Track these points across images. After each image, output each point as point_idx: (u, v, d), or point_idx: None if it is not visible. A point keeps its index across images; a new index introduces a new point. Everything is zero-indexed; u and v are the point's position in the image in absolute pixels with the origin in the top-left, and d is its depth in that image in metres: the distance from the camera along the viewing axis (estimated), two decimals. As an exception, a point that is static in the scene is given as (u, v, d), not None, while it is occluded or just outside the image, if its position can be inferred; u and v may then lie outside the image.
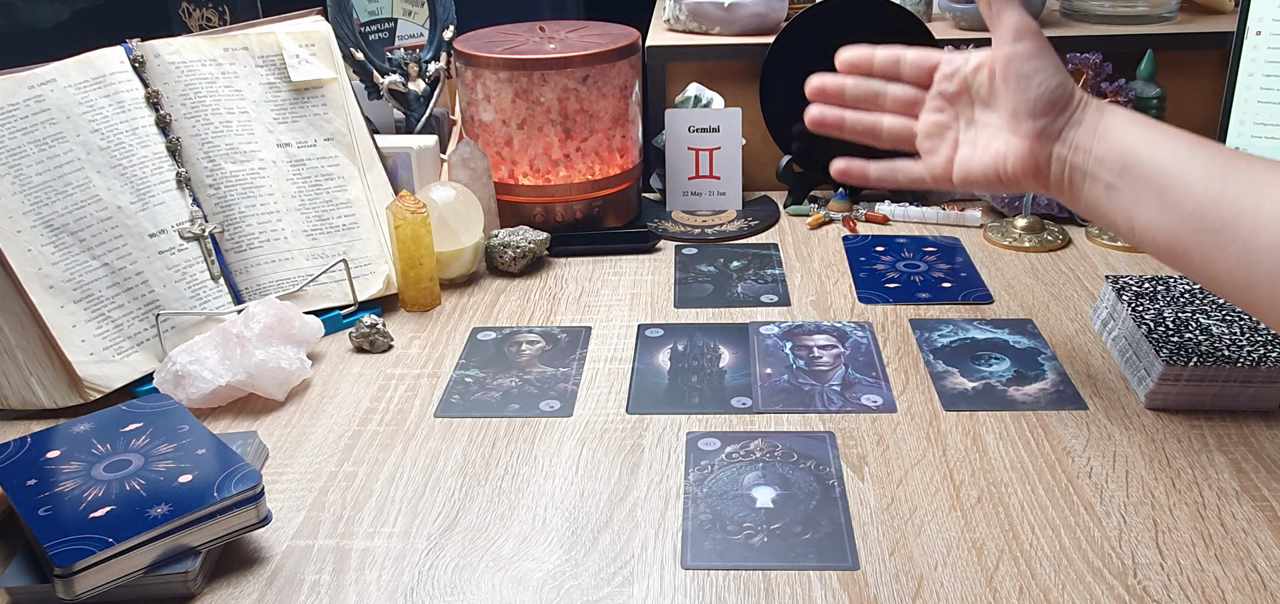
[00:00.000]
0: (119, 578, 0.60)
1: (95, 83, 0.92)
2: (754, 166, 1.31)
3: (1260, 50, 1.14)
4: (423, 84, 1.24)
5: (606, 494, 0.71)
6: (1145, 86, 1.22)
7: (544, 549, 0.66)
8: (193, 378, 0.82)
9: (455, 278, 1.06)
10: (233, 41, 1.01)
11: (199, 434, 0.70)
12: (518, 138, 1.12)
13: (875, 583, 0.62)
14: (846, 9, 1.22)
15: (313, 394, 0.86)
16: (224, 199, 0.96)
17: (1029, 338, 0.92)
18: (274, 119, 1.00)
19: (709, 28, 1.34)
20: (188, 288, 0.92)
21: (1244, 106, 1.15)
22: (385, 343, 0.94)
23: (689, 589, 0.62)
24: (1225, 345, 0.79)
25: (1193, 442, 0.76)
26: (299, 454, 0.78)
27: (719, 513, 0.69)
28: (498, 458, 0.76)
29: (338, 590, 0.63)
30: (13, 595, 0.62)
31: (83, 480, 0.65)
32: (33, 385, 0.84)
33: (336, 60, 1.05)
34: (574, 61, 1.09)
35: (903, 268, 1.07)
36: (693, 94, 1.25)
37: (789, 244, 1.15)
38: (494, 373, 0.88)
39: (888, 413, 0.81)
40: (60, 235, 0.86)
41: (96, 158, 0.89)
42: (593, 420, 0.81)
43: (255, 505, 0.65)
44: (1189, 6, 1.38)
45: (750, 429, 0.79)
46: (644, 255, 1.13)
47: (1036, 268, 1.07)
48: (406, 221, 0.98)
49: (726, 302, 1.01)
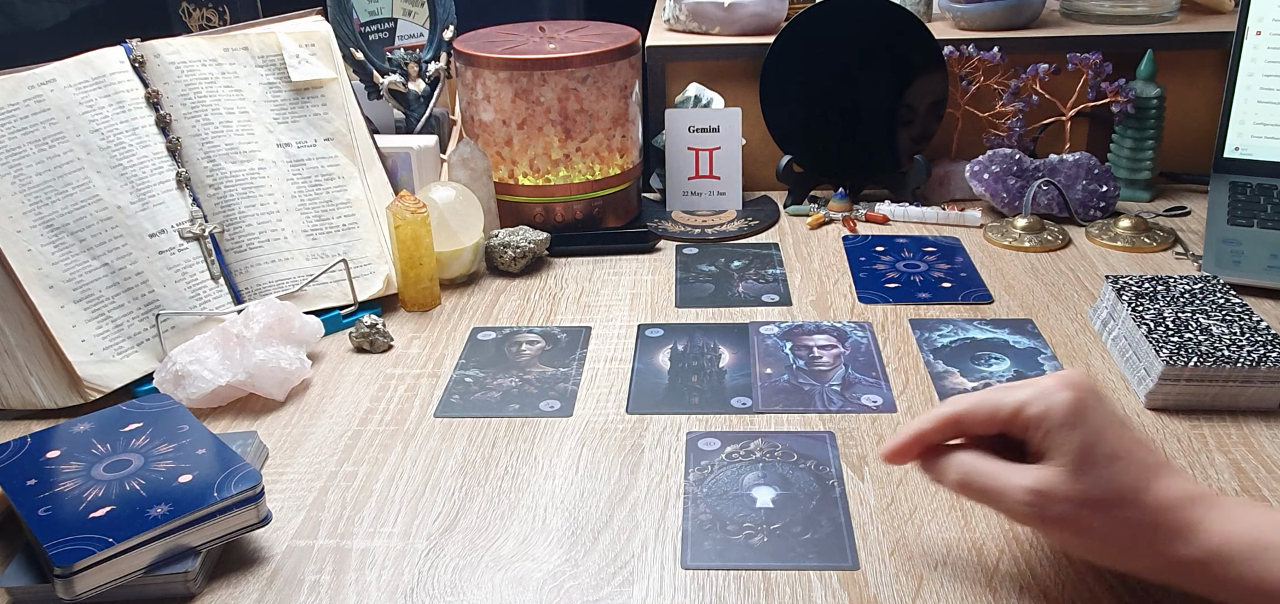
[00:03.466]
0: (119, 578, 0.60)
1: (95, 83, 0.92)
2: (754, 166, 1.31)
3: (1260, 50, 1.14)
4: (423, 84, 1.24)
5: (606, 494, 0.71)
6: (1145, 86, 1.22)
7: (544, 549, 0.66)
8: (193, 378, 0.82)
9: (455, 278, 1.06)
10: (233, 41, 1.01)
11: (199, 434, 0.70)
12: (518, 138, 1.12)
13: (875, 583, 0.62)
14: (846, 9, 1.22)
15: (313, 394, 0.86)
16: (224, 199, 0.96)
17: (1029, 338, 0.92)
18: (274, 119, 1.00)
19: (709, 28, 1.34)
20: (188, 288, 0.92)
21: (1244, 106, 1.15)
22: (385, 343, 0.94)
23: (689, 589, 0.62)
24: (1225, 345, 0.79)
25: (1193, 442, 0.76)
26: (299, 454, 0.78)
27: (719, 513, 0.69)
28: (498, 458, 0.76)
29: (338, 590, 0.63)
30: (13, 595, 0.62)
31: (83, 480, 0.65)
32: (33, 385, 0.84)
33: (336, 60, 1.05)
34: (574, 61, 1.09)
35: (903, 268, 1.07)
36: (693, 94, 1.25)
37: (789, 244, 1.15)
38: (494, 373, 0.88)
39: (888, 413, 0.81)
40: (60, 235, 0.86)
41: (96, 158, 0.89)
42: (593, 420, 0.81)
43: (255, 505, 0.65)
44: (1189, 6, 1.38)
45: (750, 429, 0.79)
46: (644, 255, 1.13)
47: (1036, 268, 1.07)
48: (406, 221, 0.98)
49: (727, 301, 1.01)
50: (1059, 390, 0.58)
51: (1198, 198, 1.24)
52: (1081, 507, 0.56)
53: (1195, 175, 1.29)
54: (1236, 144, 1.16)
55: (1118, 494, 0.56)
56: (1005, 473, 0.59)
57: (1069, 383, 0.58)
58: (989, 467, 0.59)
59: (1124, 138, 1.24)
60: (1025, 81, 1.23)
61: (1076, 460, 0.57)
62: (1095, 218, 1.18)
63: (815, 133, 1.25)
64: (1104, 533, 0.57)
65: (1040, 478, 0.57)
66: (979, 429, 0.61)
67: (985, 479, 0.59)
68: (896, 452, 0.63)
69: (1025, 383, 0.60)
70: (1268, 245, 1.02)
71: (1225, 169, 1.15)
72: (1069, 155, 1.20)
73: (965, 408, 0.61)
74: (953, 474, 0.61)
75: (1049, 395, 0.58)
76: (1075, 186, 1.18)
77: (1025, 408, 0.58)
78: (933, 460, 0.62)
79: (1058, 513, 0.57)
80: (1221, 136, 1.16)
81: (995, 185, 1.19)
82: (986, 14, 1.30)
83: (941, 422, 0.61)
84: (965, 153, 1.28)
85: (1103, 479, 0.56)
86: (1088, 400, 0.58)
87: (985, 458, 0.60)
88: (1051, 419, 0.57)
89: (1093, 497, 0.56)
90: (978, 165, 1.20)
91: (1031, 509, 0.57)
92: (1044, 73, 1.21)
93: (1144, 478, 0.56)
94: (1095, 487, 0.56)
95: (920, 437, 0.62)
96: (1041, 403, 0.58)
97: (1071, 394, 0.58)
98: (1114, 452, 0.57)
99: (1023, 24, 1.31)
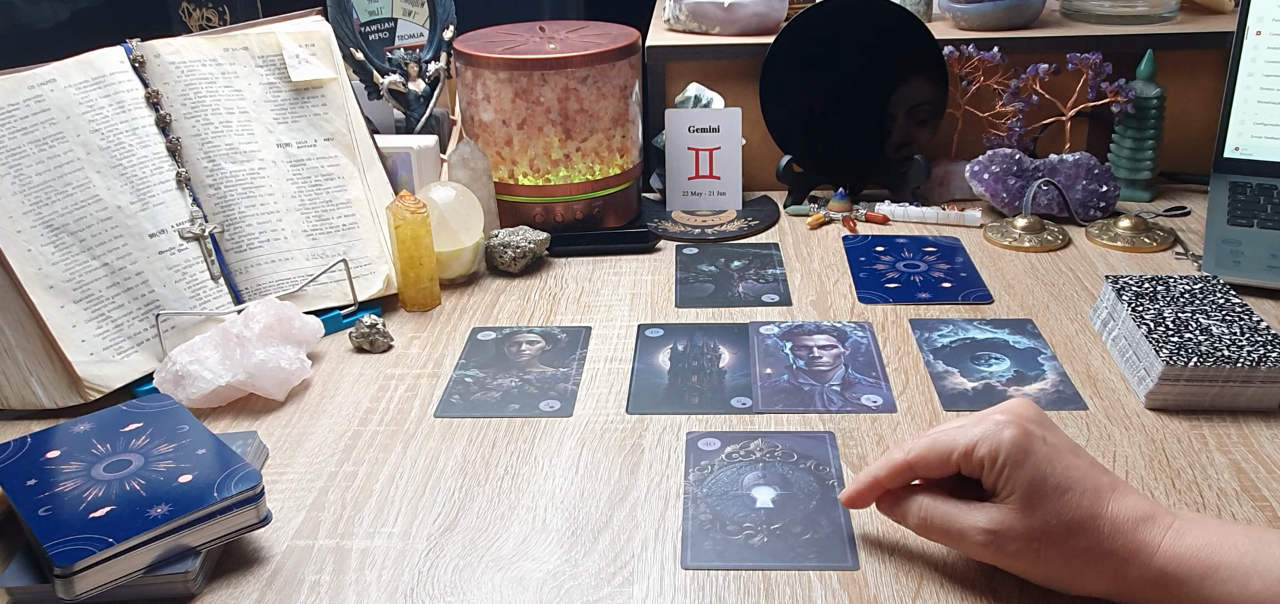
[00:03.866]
0: (119, 578, 0.60)
1: (95, 83, 0.92)
2: (754, 166, 1.31)
3: (1260, 50, 1.14)
4: (423, 84, 1.24)
5: (606, 494, 0.71)
6: (1145, 86, 1.22)
7: (544, 549, 0.66)
8: (193, 378, 0.82)
9: (455, 278, 1.06)
10: (233, 41, 1.01)
11: (199, 434, 0.70)
12: (518, 138, 1.12)
13: (875, 583, 0.62)
14: (846, 9, 1.22)
15: (313, 394, 0.86)
16: (224, 199, 0.96)
17: (1029, 338, 0.92)
18: (274, 119, 1.00)
19: (709, 28, 1.34)
20: (188, 288, 0.92)
21: (1244, 106, 1.15)
22: (385, 343, 0.94)
23: (689, 589, 0.62)
24: (1225, 345, 0.79)
25: (1193, 442, 0.76)
26: (299, 454, 0.78)
27: (719, 513, 0.69)
28: (498, 458, 0.76)
29: (338, 590, 0.63)
30: (13, 595, 0.62)
31: (83, 480, 0.65)
32: (33, 385, 0.84)
33: (336, 60, 1.05)
34: (574, 61, 1.09)
35: (903, 268, 1.07)
36: (693, 94, 1.25)
37: (789, 244, 1.15)
38: (494, 373, 0.88)
39: (888, 413, 0.81)
40: (60, 235, 0.86)
41: (96, 158, 0.89)
42: (593, 420, 0.81)
43: (255, 505, 0.65)
44: (1189, 6, 1.38)
45: (750, 429, 0.79)
46: (644, 255, 1.13)
47: (1036, 268, 1.07)
48: (406, 221, 0.98)
49: (727, 301, 1.01)
50: (1005, 428, 0.59)
51: (1198, 198, 1.24)
52: (1035, 541, 0.58)
53: (1195, 175, 1.29)
54: (1236, 144, 1.16)
55: (1069, 525, 0.57)
56: (961, 514, 0.61)
57: (1014, 418, 0.60)
58: (946, 508, 0.61)
59: (1124, 138, 1.24)
60: (1025, 81, 1.23)
61: (1026, 497, 0.58)
62: (1095, 218, 1.18)
63: (815, 133, 1.25)
64: (1060, 563, 0.58)
65: (993, 518, 0.59)
66: (931, 473, 0.62)
67: (943, 520, 0.61)
68: (854, 497, 0.65)
69: (973, 420, 0.61)
70: (1268, 245, 1.02)
71: (1225, 169, 1.15)
72: (1069, 155, 1.20)
73: (917, 455, 0.62)
74: (912, 518, 0.63)
75: (995, 435, 0.59)
76: (1075, 186, 1.18)
77: (974, 450, 0.60)
78: (892, 503, 0.64)
79: (1013, 549, 0.59)
80: (1221, 136, 1.16)
81: (995, 185, 1.19)
82: (986, 14, 1.30)
83: (895, 469, 0.63)
84: (965, 153, 1.28)
85: (1053, 512, 0.58)
86: (1033, 434, 0.59)
87: (941, 499, 0.62)
88: (1000, 458, 0.59)
89: (1045, 530, 0.58)
90: (978, 165, 1.20)
91: (988, 548, 0.59)
92: (1044, 73, 1.21)
93: (1096, 504, 0.58)
94: (1047, 520, 0.58)
95: (876, 483, 0.64)
96: (988, 443, 0.59)
97: (1016, 431, 0.59)
98: (1062, 483, 0.58)
99: (1023, 24, 1.31)
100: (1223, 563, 0.55)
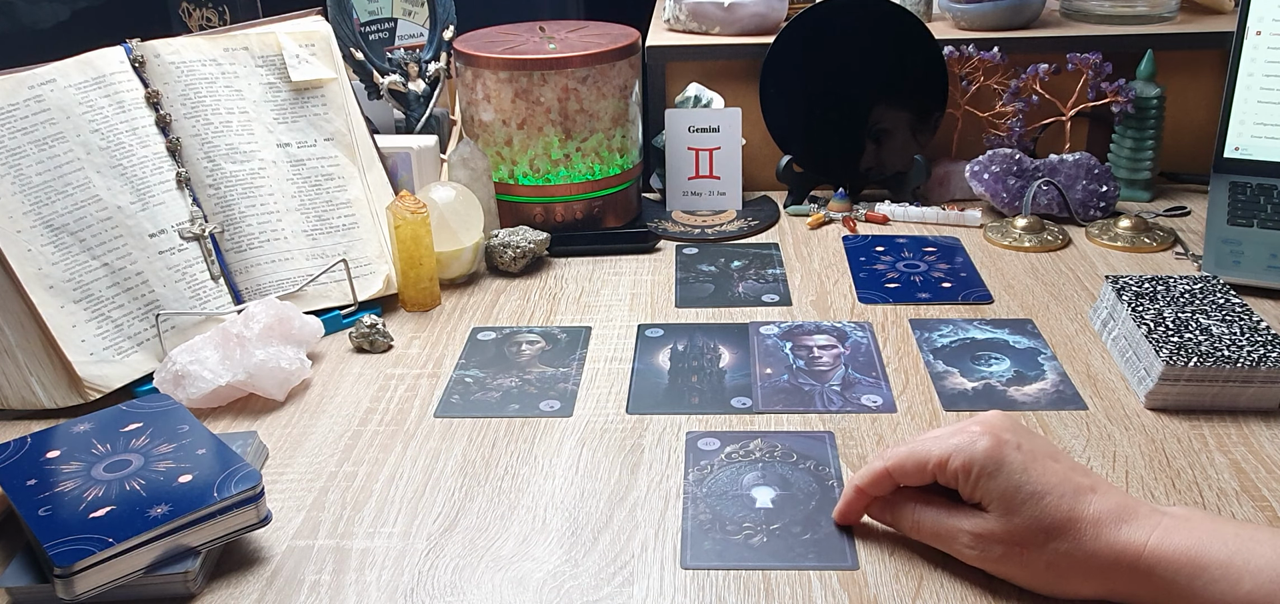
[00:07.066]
0: (119, 578, 0.60)
1: (95, 83, 0.92)
2: (754, 166, 1.31)
3: (1260, 50, 1.14)
4: (423, 84, 1.24)
5: (606, 494, 0.71)
6: (1145, 86, 1.22)
7: (544, 549, 0.66)
8: (193, 378, 0.82)
9: (455, 278, 1.06)
10: (233, 41, 1.01)
11: (199, 434, 0.70)
12: (518, 138, 1.12)
13: (875, 583, 0.62)
14: (846, 9, 1.22)
15: (313, 394, 0.86)
16: (224, 199, 0.96)
17: (1029, 338, 0.92)
18: (274, 119, 1.00)
19: (709, 28, 1.34)
20: (188, 288, 0.92)
21: (1244, 106, 1.15)
22: (385, 343, 0.94)
23: (689, 589, 0.62)
24: (1225, 345, 0.79)
25: (1193, 442, 0.76)
26: (299, 454, 0.78)
27: (719, 513, 0.69)
28: (498, 458, 0.76)
29: (338, 590, 0.63)
30: (13, 595, 0.62)
31: (83, 480, 0.65)
32: (33, 385, 0.84)
33: (336, 60, 1.05)
34: (574, 61, 1.09)
35: (903, 268, 1.07)
36: (693, 94, 1.25)
37: (789, 244, 1.15)
38: (494, 373, 0.88)
39: (888, 413, 0.81)
40: (60, 235, 0.86)
41: (96, 158, 0.89)
42: (593, 420, 0.81)
43: (255, 505, 0.65)
44: (1189, 6, 1.38)
45: (750, 429, 0.79)
46: (644, 255, 1.13)
47: (1036, 268, 1.07)
48: (406, 221, 0.98)
49: (727, 301, 1.01)
50: (979, 440, 0.60)
51: (1198, 198, 1.24)
52: (1016, 546, 0.59)
53: (1195, 175, 1.29)
54: (1236, 144, 1.16)
55: (1047, 529, 0.58)
56: (949, 519, 0.62)
57: (988, 428, 0.60)
58: (937, 514, 0.62)
59: (1124, 138, 1.24)
60: (1025, 81, 1.23)
61: (1003, 505, 0.59)
62: (1095, 218, 1.18)
63: (815, 133, 1.25)
64: (1043, 566, 0.59)
65: (976, 525, 0.60)
66: (910, 481, 0.63)
67: (933, 525, 0.63)
68: (844, 511, 0.66)
69: (950, 432, 0.62)
70: (1268, 245, 1.02)
71: (1225, 169, 1.15)
72: (1069, 155, 1.20)
73: (896, 463, 0.63)
74: (905, 522, 0.64)
75: (969, 447, 0.60)
76: (1075, 186, 1.18)
77: (948, 462, 0.60)
78: (887, 509, 0.65)
79: (998, 555, 0.60)
80: (1221, 136, 1.16)
81: (995, 185, 1.19)
82: (986, 14, 1.30)
83: (876, 476, 0.64)
84: (965, 153, 1.28)
85: (1031, 517, 0.58)
86: (1006, 441, 0.60)
87: (933, 505, 0.63)
88: (973, 470, 0.59)
89: (1025, 535, 0.58)
90: (978, 165, 1.20)
91: (975, 553, 0.60)
92: (1044, 73, 1.21)
93: (1074, 506, 0.58)
94: (1025, 526, 0.58)
95: (861, 491, 0.65)
96: (962, 455, 0.60)
97: (990, 441, 0.60)
98: (1038, 488, 0.58)
99: (1023, 24, 1.31)
100: (1213, 562, 0.55)
